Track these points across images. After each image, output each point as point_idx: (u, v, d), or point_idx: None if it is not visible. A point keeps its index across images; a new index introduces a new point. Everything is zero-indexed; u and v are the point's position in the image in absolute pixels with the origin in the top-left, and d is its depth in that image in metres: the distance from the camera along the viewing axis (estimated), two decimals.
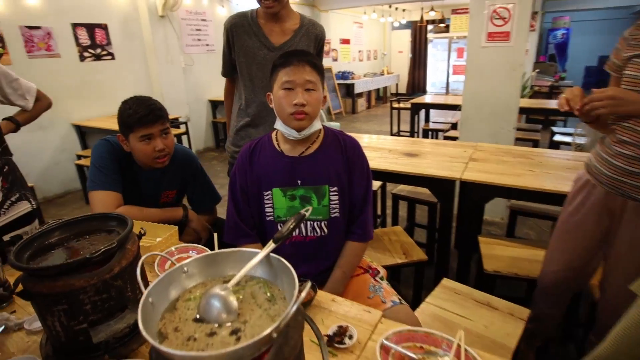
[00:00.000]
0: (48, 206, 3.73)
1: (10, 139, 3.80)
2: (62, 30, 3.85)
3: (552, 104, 4.39)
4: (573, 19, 11.54)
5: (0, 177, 1.31)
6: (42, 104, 1.67)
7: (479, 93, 2.73)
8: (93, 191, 1.26)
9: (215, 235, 0.89)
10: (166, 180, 1.41)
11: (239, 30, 1.50)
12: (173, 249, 1.06)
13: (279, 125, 1.10)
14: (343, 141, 1.16)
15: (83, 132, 4.09)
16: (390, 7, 9.36)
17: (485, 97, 2.72)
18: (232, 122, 1.65)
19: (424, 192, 2.31)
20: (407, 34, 11.39)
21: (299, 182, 1.11)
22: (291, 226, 0.62)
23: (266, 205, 1.13)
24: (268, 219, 1.14)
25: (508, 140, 2.74)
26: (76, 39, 3.97)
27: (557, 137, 3.74)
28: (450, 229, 1.86)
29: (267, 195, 1.13)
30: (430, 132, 4.64)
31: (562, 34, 11.64)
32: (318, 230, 1.13)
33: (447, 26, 10.13)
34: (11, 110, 1.69)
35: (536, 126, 4.41)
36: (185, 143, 4.47)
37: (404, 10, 10.10)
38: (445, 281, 1.45)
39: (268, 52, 1.50)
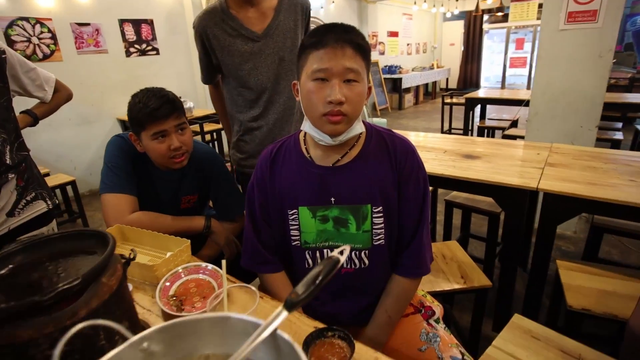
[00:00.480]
0: (92, 199, 3.82)
1: (59, 133, 3.88)
2: (110, 26, 3.90)
3: (631, 97, 3.77)
4: None
5: (16, 174, 1.20)
6: (62, 95, 1.56)
7: (554, 85, 2.32)
8: (105, 194, 1.12)
9: (224, 263, 0.69)
10: (186, 183, 1.24)
11: (213, 30, 1.29)
12: (180, 269, 0.87)
13: (307, 127, 0.85)
14: (392, 144, 0.88)
15: (127, 128, 4.14)
16: None
17: (561, 90, 2.30)
18: (234, 127, 1.47)
19: (483, 199, 1.98)
20: (459, 25, 10.70)
21: (333, 200, 0.86)
22: (318, 282, 0.41)
23: (291, 227, 0.90)
24: (294, 243, 0.91)
25: (588, 141, 2.31)
26: (123, 34, 4.02)
27: None
28: (518, 248, 1.54)
29: (292, 214, 0.89)
30: (486, 130, 4.20)
31: (639, 23, 10.36)
32: (357, 261, 0.89)
33: (505, 15, 9.35)
34: (29, 103, 1.61)
35: (616, 124, 3.82)
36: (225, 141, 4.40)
37: (457, 0, 9.47)
38: (518, 319, 1.15)
39: (254, 43, 1.30)
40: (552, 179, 1.42)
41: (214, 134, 4.10)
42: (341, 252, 0.44)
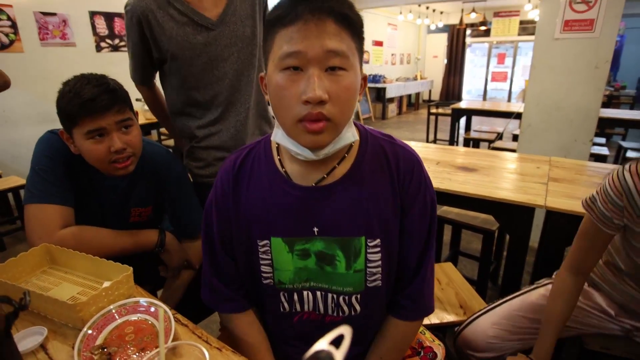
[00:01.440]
0: None
1: (16, 131, 3.53)
2: (79, 18, 3.63)
3: (609, 112, 3.79)
4: (628, 26, 10.65)
5: None
6: None
7: (547, 96, 2.23)
8: (29, 205, 0.89)
9: (162, 312, 0.49)
10: (136, 192, 1.02)
11: (156, 14, 1.05)
12: (113, 309, 0.66)
13: (279, 136, 0.63)
14: (394, 155, 0.67)
15: None
16: (427, 8, 8.86)
17: (555, 102, 2.21)
18: (184, 139, 1.23)
19: (475, 215, 1.84)
20: (443, 38, 10.83)
21: (316, 230, 0.66)
22: None
23: (262, 262, 0.69)
24: (265, 282, 0.70)
25: (582, 155, 2.22)
26: (93, 27, 3.74)
27: (631, 154, 3.15)
28: (522, 272, 1.39)
29: (263, 246, 0.68)
30: (472, 142, 4.13)
31: (616, 41, 10.77)
32: (346, 307, 0.69)
33: (488, 30, 9.51)
34: None
35: (598, 139, 3.82)
36: None
37: (441, 12, 9.58)
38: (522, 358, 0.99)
39: (208, 32, 1.08)
40: (558, 196, 1.29)
41: None
42: (336, 341, 0.26)
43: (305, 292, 0.70)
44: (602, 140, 3.79)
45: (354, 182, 0.65)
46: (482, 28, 9.19)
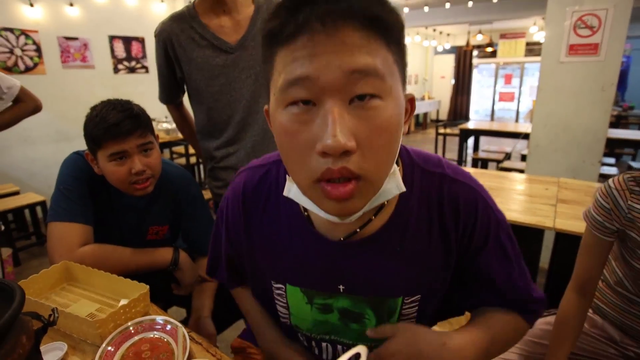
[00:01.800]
0: None
1: (34, 149, 3.66)
2: (98, 42, 3.79)
3: (620, 133, 3.78)
4: (635, 47, 10.70)
5: None
6: (26, 106, 1.39)
7: (555, 118, 2.25)
8: (52, 223, 0.93)
9: (181, 331, 0.52)
10: (155, 211, 1.06)
11: (179, 38, 1.13)
12: (130, 326, 0.69)
13: (293, 194, 0.50)
14: (450, 200, 0.52)
15: None
16: (434, 30, 9.03)
17: (563, 123, 2.23)
18: (207, 158, 1.30)
19: None
20: (450, 59, 10.97)
21: (342, 288, 0.55)
22: None
23: (277, 303, 0.62)
24: (282, 320, 0.64)
25: (591, 176, 2.22)
26: (112, 50, 3.90)
27: None
28: None
29: (278, 289, 0.60)
30: (480, 162, 4.13)
31: (622, 62, 10.81)
32: None
33: (494, 51, 9.63)
34: None
35: (608, 159, 3.80)
36: None
37: (448, 34, 9.75)
38: None
39: (227, 56, 1.14)
40: (567, 218, 1.29)
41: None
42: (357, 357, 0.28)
43: (324, 344, 0.62)
44: (612, 160, 3.77)
45: (394, 236, 0.53)
46: (489, 50, 9.31)
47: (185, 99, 1.33)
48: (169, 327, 0.69)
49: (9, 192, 2.90)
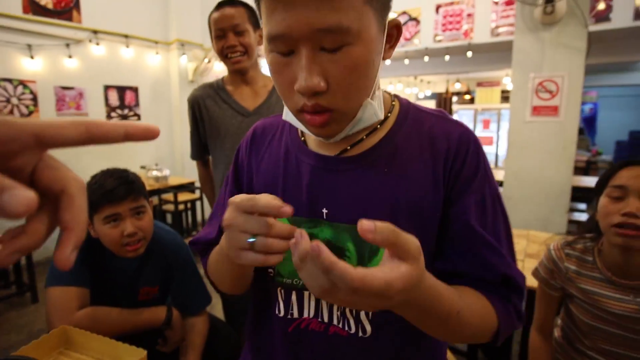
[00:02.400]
0: (47, 268, 3.50)
1: None
2: (94, 91, 3.94)
3: (587, 181, 4.03)
4: (600, 94, 11.51)
5: None
6: None
7: (524, 172, 2.43)
8: (50, 288, 0.99)
9: None
10: (146, 273, 1.13)
11: (205, 101, 1.34)
12: None
13: (290, 117, 0.54)
14: (443, 133, 0.54)
15: None
16: (415, 78, 9.58)
17: (532, 177, 2.41)
18: None
19: None
20: (432, 104, 11.55)
21: (325, 212, 0.54)
22: None
23: None
24: (263, 271, 0.60)
25: (560, 225, 2.37)
26: (106, 99, 4.05)
27: None
28: (511, 342, 1.46)
29: None
30: None
31: (589, 109, 11.54)
32: (352, 322, 0.54)
33: (472, 98, 10.20)
34: None
35: (579, 205, 4.00)
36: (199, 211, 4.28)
37: (428, 82, 10.33)
38: None
39: (243, 118, 1.32)
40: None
41: (188, 203, 3.99)
42: None
43: (306, 293, 0.57)
44: (583, 206, 3.97)
45: (383, 157, 0.53)
46: (467, 97, 9.86)
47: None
48: None
49: None
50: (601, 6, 4.72)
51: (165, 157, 4.59)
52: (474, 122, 10.66)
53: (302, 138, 0.60)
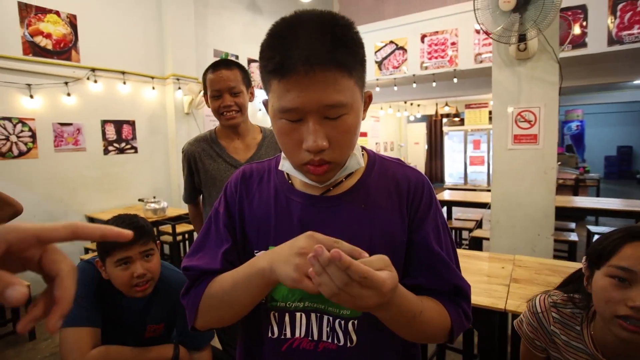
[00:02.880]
0: None
1: None
2: (91, 126, 4.03)
3: (578, 201, 4.15)
4: (586, 112, 11.87)
5: None
6: (4, 213, 1.51)
7: (510, 197, 2.53)
8: (65, 329, 1.05)
9: None
10: (153, 312, 1.19)
11: (201, 155, 1.45)
12: None
13: (287, 167, 0.68)
14: (403, 177, 0.69)
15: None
16: (405, 102, 9.85)
17: (516, 201, 2.51)
18: None
19: None
20: (422, 127, 11.80)
21: None
22: None
23: None
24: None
25: (547, 248, 2.45)
26: (104, 134, 4.14)
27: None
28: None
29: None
30: (454, 231, 4.37)
31: (576, 126, 11.88)
32: (341, 335, 0.64)
33: (462, 119, 10.47)
34: None
35: (569, 224, 4.10)
36: None
37: (419, 105, 10.60)
38: None
39: (234, 169, 1.44)
40: (517, 298, 1.47)
41: (186, 234, 4.03)
42: None
43: (298, 314, 0.65)
44: (572, 225, 4.06)
45: (359, 196, 0.66)
46: (456, 119, 10.11)
47: None
48: None
49: None
50: (576, 30, 4.99)
51: (162, 189, 4.65)
52: (464, 142, 10.90)
53: (290, 181, 0.70)
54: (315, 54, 0.52)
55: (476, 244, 3.43)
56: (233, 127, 1.43)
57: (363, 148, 0.73)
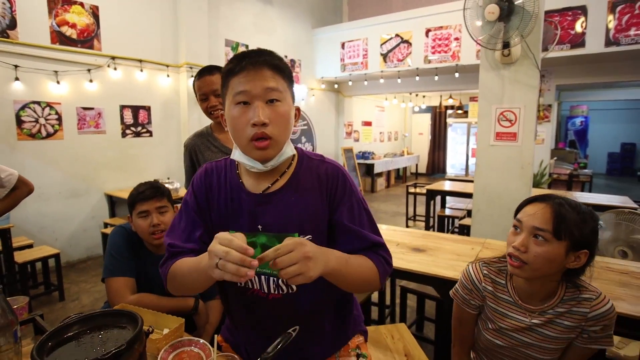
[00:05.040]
0: (70, 271, 3.86)
1: (47, 205, 4.05)
2: (111, 111, 4.34)
3: (570, 194, 4.39)
4: (591, 108, 11.93)
5: None
6: (21, 192, 1.76)
7: (490, 188, 2.81)
8: (108, 278, 1.37)
9: (216, 339, 0.96)
10: None
11: (200, 147, 1.70)
12: (174, 342, 1.11)
13: (237, 154, 0.87)
14: (324, 171, 0.89)
15: (114, 202, 4.36)
16: (410, 94, 10.02)
17: (496, 193, 2.79)
18: None
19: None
20: (427, 118, 11.95)
21: (260, 227, 0.87)
22: (277, 347, 0.67)
23: None
24: None
25: None
26: (122, 118, 4.45)
27: None
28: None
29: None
30: (446, 219, 4.66)
31: (580, 122, 11.96)
32: (284, 287, 0.90)
33: (466, 112, 10.62)
34: None
35: None
36: None
37: (424, 96, 10.75)
38: None
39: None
40: None
41: None
42: (294, 330, 0.72)
43: (255, 277, 0.89)
44: None
45: (291, 191, 0.87)
46: (459, 111, 10.26)
47: None
48: (201, 341, 1.12)
49: (24, 245, 3.26)
50: (578, 29, 5.15)
51: (175, 171, 4.97)
52: (467, 134, 11.08)
53: (241, 181, 0.90)
54: (260, 60, 0.80)
55: (464, 231, 3.72)
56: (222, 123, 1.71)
57: (295, 147, 0.92)
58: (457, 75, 6.36)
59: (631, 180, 11.51)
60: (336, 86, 8.23)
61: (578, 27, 5.20)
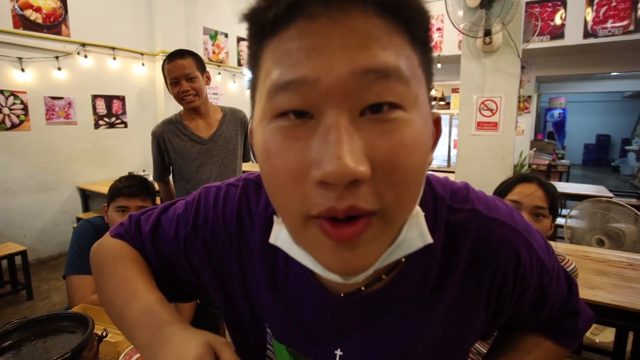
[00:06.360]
0: (40, 268, 3.69)
1: (14, 200, 3.87)
2: (82, 100, 4.14)
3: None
4: (569, 100, 12.19)
5: None
6: None
7: (472, 177, 2.80)
8: (69, 276, 1.27)
9: None
10: None
11: (168, 135, 1.62)
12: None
13: (282, 241, 0.36)
14: (483, 245, 0.41)
15: (87, 196, 4.19)
16: None
17: (477, 182, 2.78)
18: None
19: None
20: None
21: (339, 354, 0.43)
22: None
23: (268, 345, 0.49)
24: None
25: None
26: (94, 108, 4.25)
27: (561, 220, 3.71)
28: None
29: (269, 333, 0.48)
30: None
31: (559, 114, 12.21)
32: None
33: (448, 103, 10.68)
34: None
35: None
36: None
37: None
38: None
39: (201, 146, 1.63)
40: None
41: None
42: None
43: None
44: None
45: (405, 293, 0.41)
46: (442, 103, 10.32)
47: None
48: None
49: None
50: (557, 21, 5.19)
51: (151, 163, 4.80)
52: (449, 126, 11.15)
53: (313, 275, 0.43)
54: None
55: None
56: (194, 109, 1.61)
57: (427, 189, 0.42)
58: (439, 66, 6.37)
59: (606, 170, 11.87)
60: None
61: (557, 19, 5.25)
